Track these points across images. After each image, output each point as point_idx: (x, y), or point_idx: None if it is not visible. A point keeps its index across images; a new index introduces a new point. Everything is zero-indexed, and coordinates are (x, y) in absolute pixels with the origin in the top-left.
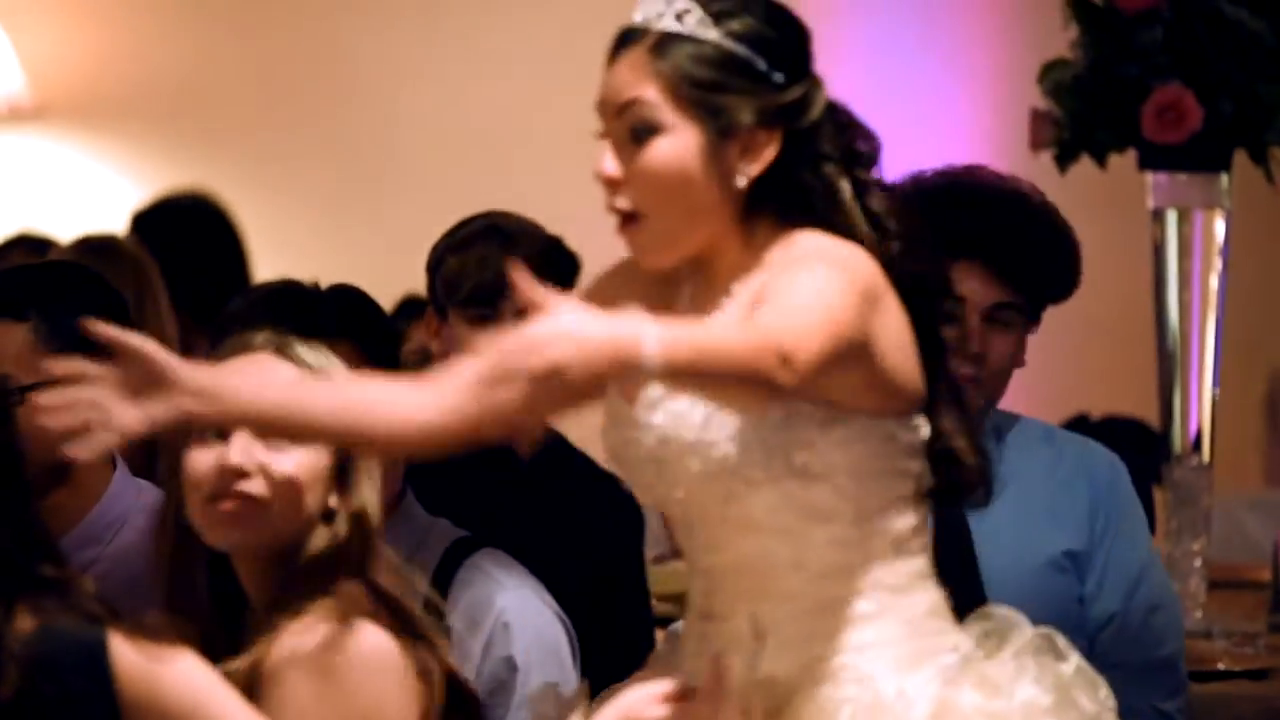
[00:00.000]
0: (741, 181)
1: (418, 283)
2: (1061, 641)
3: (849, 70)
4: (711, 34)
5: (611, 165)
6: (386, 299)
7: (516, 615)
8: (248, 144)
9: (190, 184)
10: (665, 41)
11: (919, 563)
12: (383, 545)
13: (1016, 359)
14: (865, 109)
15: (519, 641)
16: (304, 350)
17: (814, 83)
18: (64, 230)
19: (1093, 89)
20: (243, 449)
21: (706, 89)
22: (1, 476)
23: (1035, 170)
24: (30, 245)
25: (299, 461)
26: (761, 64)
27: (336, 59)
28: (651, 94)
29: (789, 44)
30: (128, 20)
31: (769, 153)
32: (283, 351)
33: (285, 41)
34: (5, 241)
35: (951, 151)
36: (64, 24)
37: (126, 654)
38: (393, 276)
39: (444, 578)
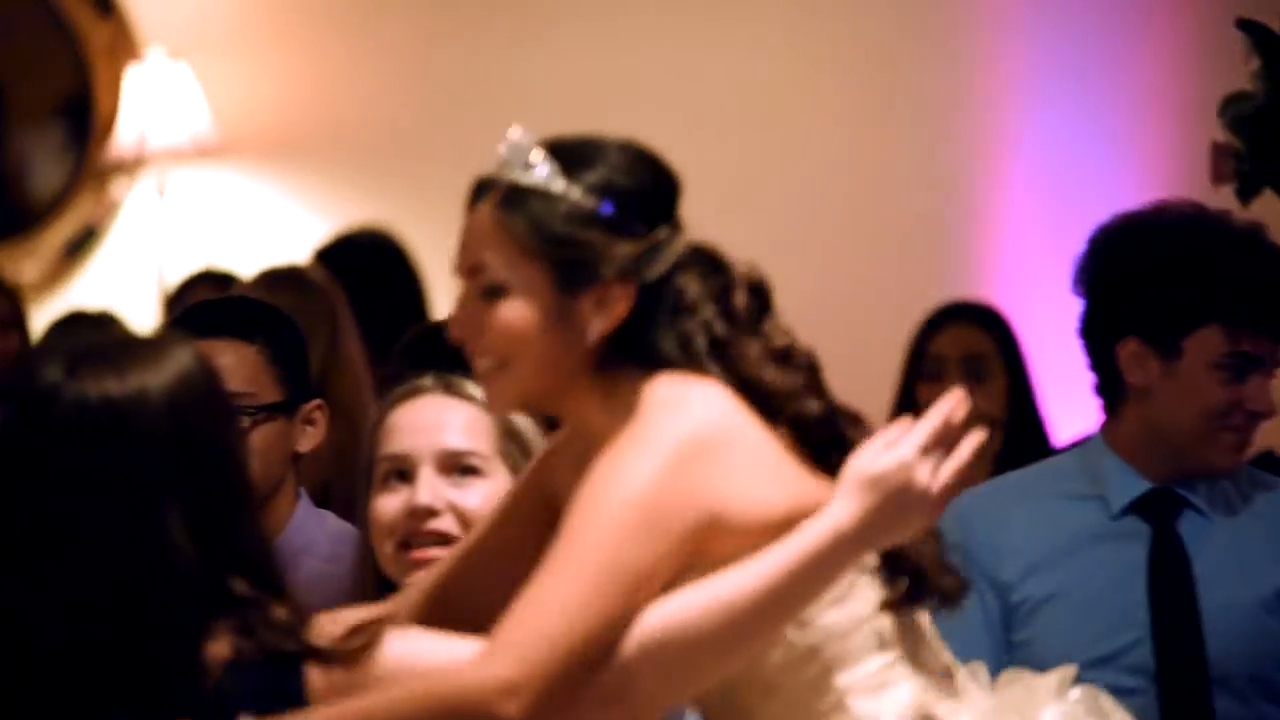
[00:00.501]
0: (592, 336)
1: None
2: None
3: (1034, 107)
4: (560, 186)
5: (457, 328)
6: None
7: None
8: (430, 178)
9: (373, 218)
10: (514, 195)
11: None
12: None
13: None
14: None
15: None
16: (474, 388)
17: (670, 233)
18: (250, 265)
19: (1273, 121)
20: (430, 488)
21: (553, 244)
22: (228, 493)
23: (1217, 204)
24: (213, 281)
25: (485, 495)
26: (613, 216)
27: (513, 94)
28: (497, 255)
29: (644, 193)
30: (312, 58)
31: (621, 307)
32: (451, 390)
33: (465, 77)
34: (189, 278)
35: (1134, 186)
36: (249, 63)
37: (320, 683)
38: None
39: None
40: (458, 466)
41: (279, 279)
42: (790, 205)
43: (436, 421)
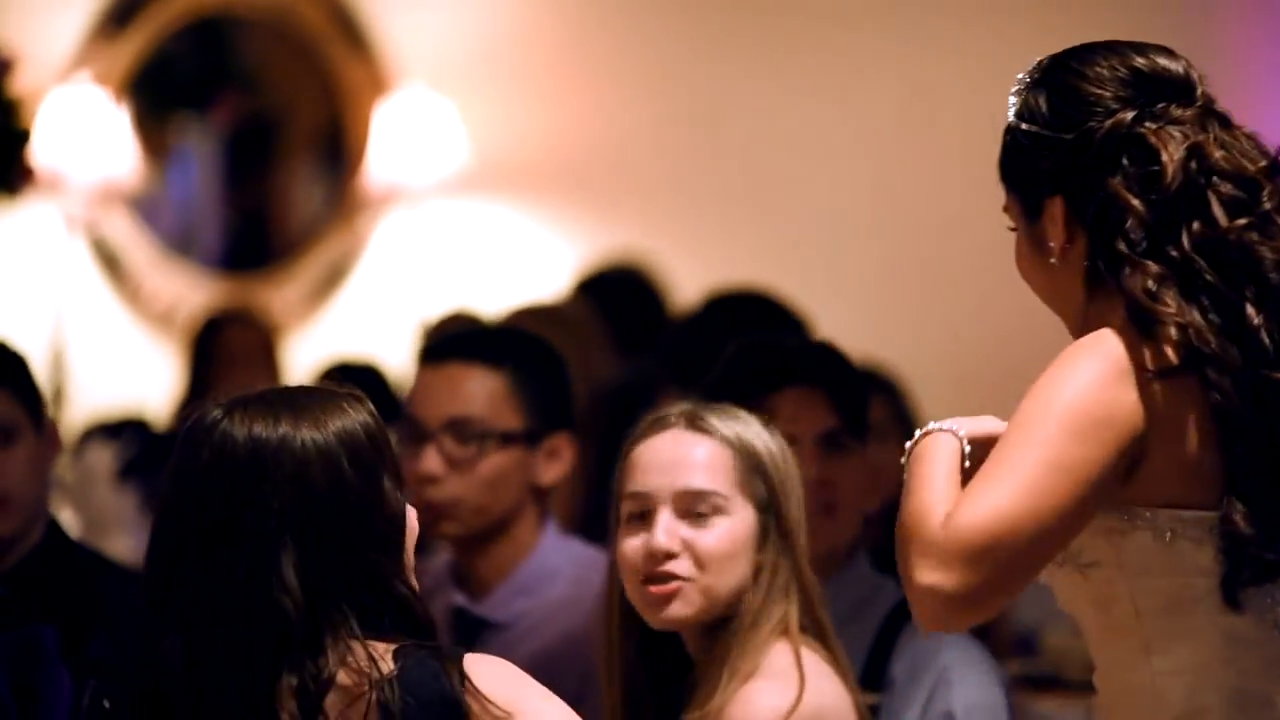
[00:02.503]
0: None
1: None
2: None
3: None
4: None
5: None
6: None
7: (959, 670)
8: (686, 206)
9: (630, 248)
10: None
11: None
12: (815, 598)
13: None
14: None
15: (959, 698)
16: (717, 419)
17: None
18: (507, 293)
19: None
20: (667, 530)
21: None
22: (367, 541)
23: None
24: (465, 323)
25: (720, 534)
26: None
27: (768, 120)
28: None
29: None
30: (568, 90)
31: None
32: (695, 426)
33: (722, 104)
34: (443, 319)
35: None
36: (508, 95)
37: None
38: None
39: (893, 627)
40: (696, 507)
41: (534, 314)
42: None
43: (677, 460)
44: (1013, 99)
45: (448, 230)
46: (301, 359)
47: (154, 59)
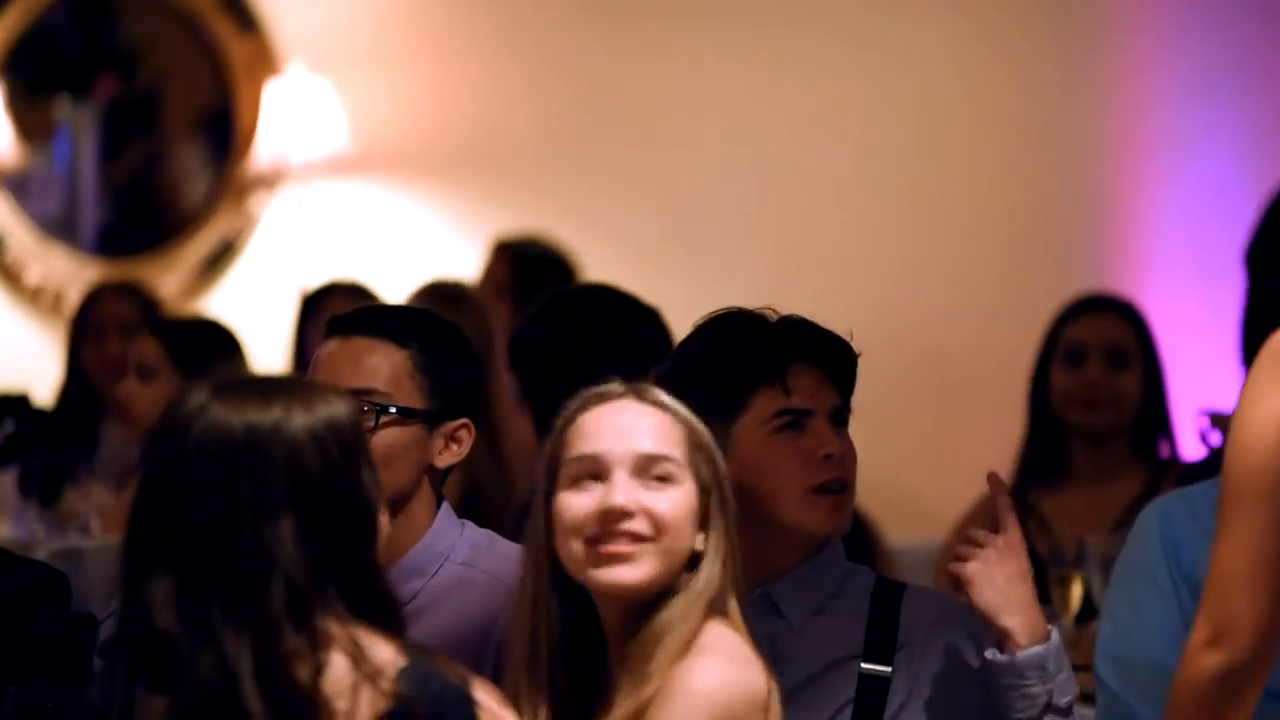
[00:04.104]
0: None
1: None
2: None
3: (1164, 117)
4: None
5: None
6: None
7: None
8: (566, 189)
9: (511, 230)
10: None
11: None
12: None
13: None
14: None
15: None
16: (663, 395)
17: None
18: (387, 280)
19: None
20: (625, 490)
21: None
22: (347, 525)
23: None
24: (344, 292)
25: (676, 500)
26: None
27: (650, 104)
28: None
29: None
30: (447, 72)
31: None
32: (643, 397)
33: (601, 88)
34: (319, 289)
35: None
36: (387, 77)
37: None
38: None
39: (889, 616)
40: (651, 471)
41: (438, 293)
42: (932, 198)
43: (632, 425)
44: None
45: (335, 211)
46: None
47: (31, 34)
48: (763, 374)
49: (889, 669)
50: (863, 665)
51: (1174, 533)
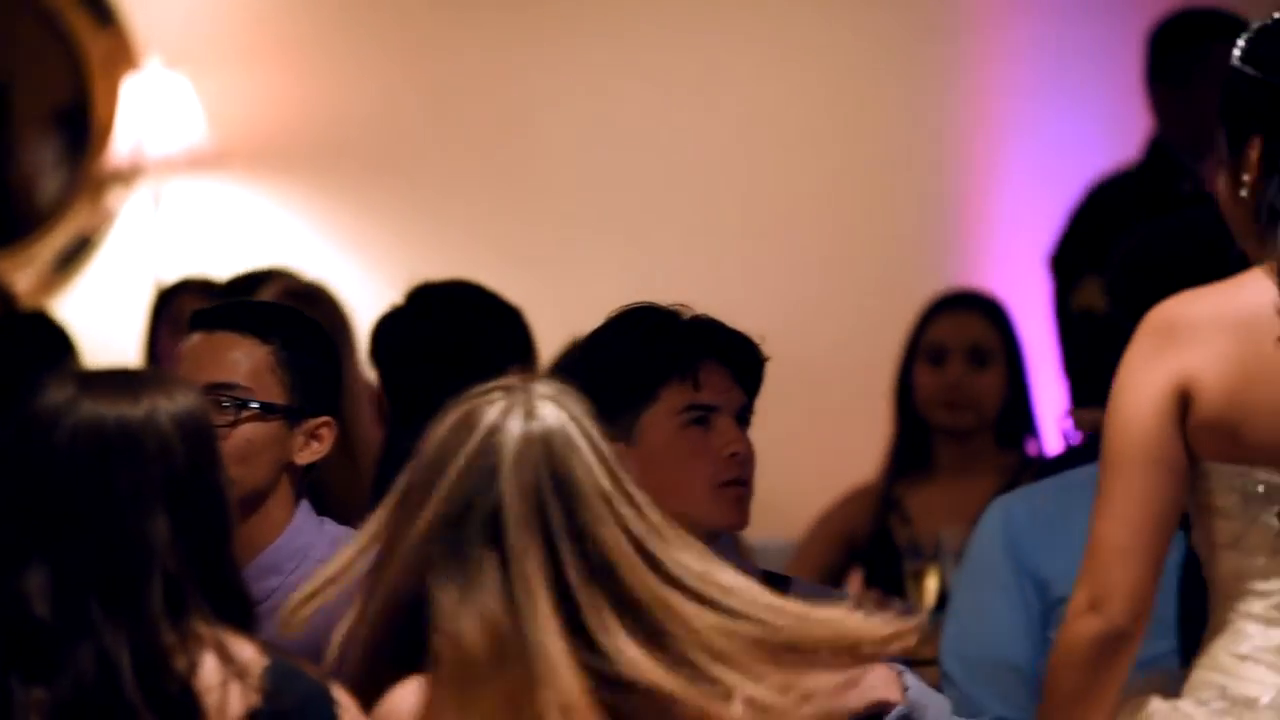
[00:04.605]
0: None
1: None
2: None
3: (1014, 118)
4: None
5: None
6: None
7: None
8: (427, 186)
9: (370, 227)
10: None
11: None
12: None
13: None
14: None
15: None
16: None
17: None
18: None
19: None
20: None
21: None
22: (211, 521)
23: None
24: (198, 289)
25: None
26: None
27: (512, 101)
28: None
29: None
30: (309, 68)
31: None
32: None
33: (463, 85)
34: (172, 285)
35: None
36: (247, 73)
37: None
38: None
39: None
40: None
41: (297, 294)
42: (791, 197)
43: None
44: (1241, 42)
45: (192, 207)
46: None
47: None
48: (675, 367)
49: None
50: None
51: (1016, 532)
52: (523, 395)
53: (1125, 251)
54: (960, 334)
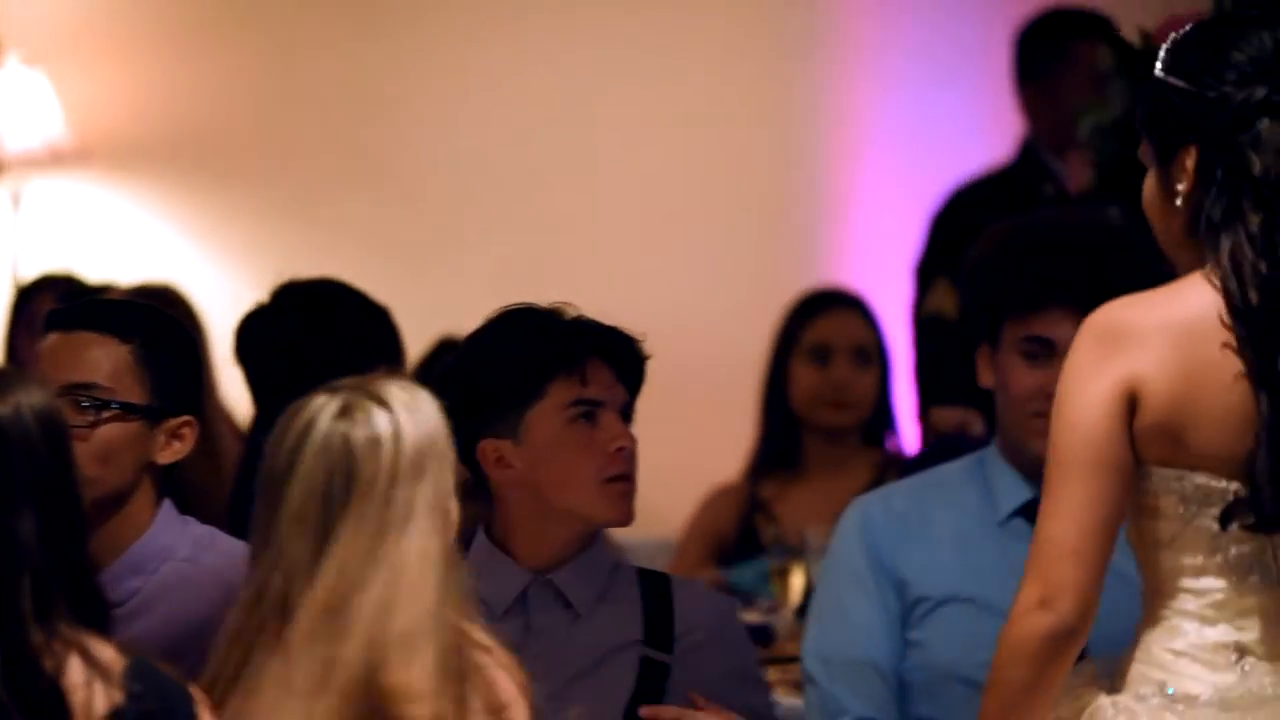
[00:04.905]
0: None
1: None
2: None
3: (891, 116)
4: None
5: None
6: (422, 334)
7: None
8: (285, 183)
9: (232, 225)
10: None
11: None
12: None
13: None
14: (900, 151)
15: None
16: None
17: None
18: (104, 272)
19: (1129, 132)
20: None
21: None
22: (69, 517)
23: None
24: (58, 286)
25: None
26: None
27: (371, 98)
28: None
29: None
30: (168, 64)
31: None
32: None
33: (322, 83)
34: (32, 283)
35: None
36: (105, 67)
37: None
38: (432, 312)
39: (664, 606)
40: None
41: (152, 294)
42: (657, 193)
43: None
44: (1166, 48)
45: (53, 205)
46: None
47: None
48: (562, 363)
49: (669, 657)
50: (645, 651)
51: (874, 533)
52: (347, 397)
53: (973, 254)
54: (845, 334)
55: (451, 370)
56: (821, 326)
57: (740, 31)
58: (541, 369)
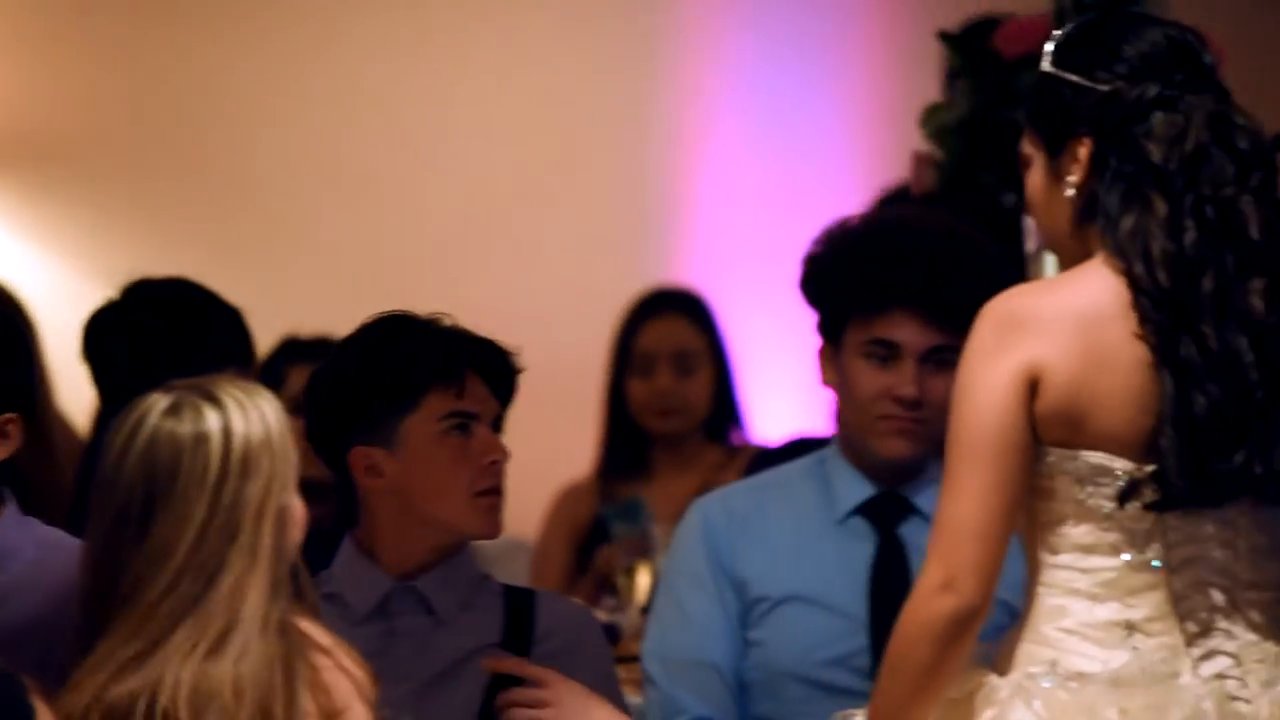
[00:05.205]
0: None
1: (299, 321)
2: None
3: (733, 110)
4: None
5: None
6: (267, 335)
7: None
8: (124, 182)
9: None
10: None
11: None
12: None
13: None
14: (750, 150)
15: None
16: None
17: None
18: None
19: (975, 132)
20: None
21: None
22: None
23: None
24: None
25: None
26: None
27: (222, 95)
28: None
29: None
30: (10, 62)
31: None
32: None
33: (172, 80)
34: None
35: (835, 194)
36: None
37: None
38: (274, 314)
39: (525, 614)
40: None
41: None
42: (488, 193)
43: None
44: (1050, 47)
45: None
46: None
47: None
48: (440, 374)
49: (526, 660)
50: (501, 655)
51: (714, 533)
52: (178, 395)
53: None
54: (665, 341)
55: (325, 375)
56: (645, 336)
57: (580, 27)
58: (420, 379)
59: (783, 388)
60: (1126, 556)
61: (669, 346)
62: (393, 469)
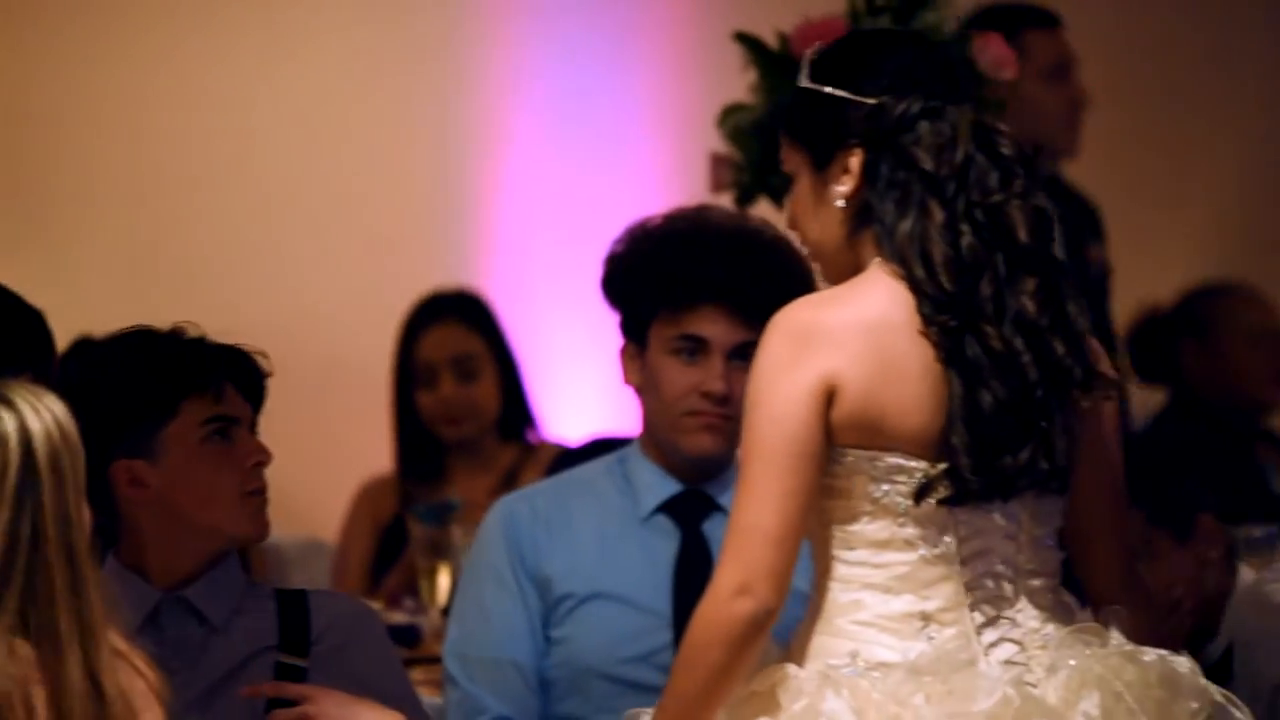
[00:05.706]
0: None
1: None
2: None
3: (532, 111)
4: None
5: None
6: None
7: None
8: None
9: None
10: None
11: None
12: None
13: None
14: (549, 150)
15: None
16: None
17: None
18: None
19: (770, 132)
20: None
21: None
22: None
23: None
24: None
25: None
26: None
27: (6, 100)
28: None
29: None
30: None
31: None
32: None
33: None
34: None
35: (635, 193)
36: None
37: None
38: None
39: (300, 614)
40: None
41: None
42: (289, 193)
43: None
44: (810, 59)
45: None
46: None
47: None
48: (196, 381)
49: (305, 661)
50: (279, 657)
51: (517, 533)
52: None
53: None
54: (443, 348)
55: (77, 392)
56: (424, 345)
57: (378, 27)
58: (174, 388)
59: (586, 388)
60: (921, 551)
61: (447, 353)
62: (157, 479)
